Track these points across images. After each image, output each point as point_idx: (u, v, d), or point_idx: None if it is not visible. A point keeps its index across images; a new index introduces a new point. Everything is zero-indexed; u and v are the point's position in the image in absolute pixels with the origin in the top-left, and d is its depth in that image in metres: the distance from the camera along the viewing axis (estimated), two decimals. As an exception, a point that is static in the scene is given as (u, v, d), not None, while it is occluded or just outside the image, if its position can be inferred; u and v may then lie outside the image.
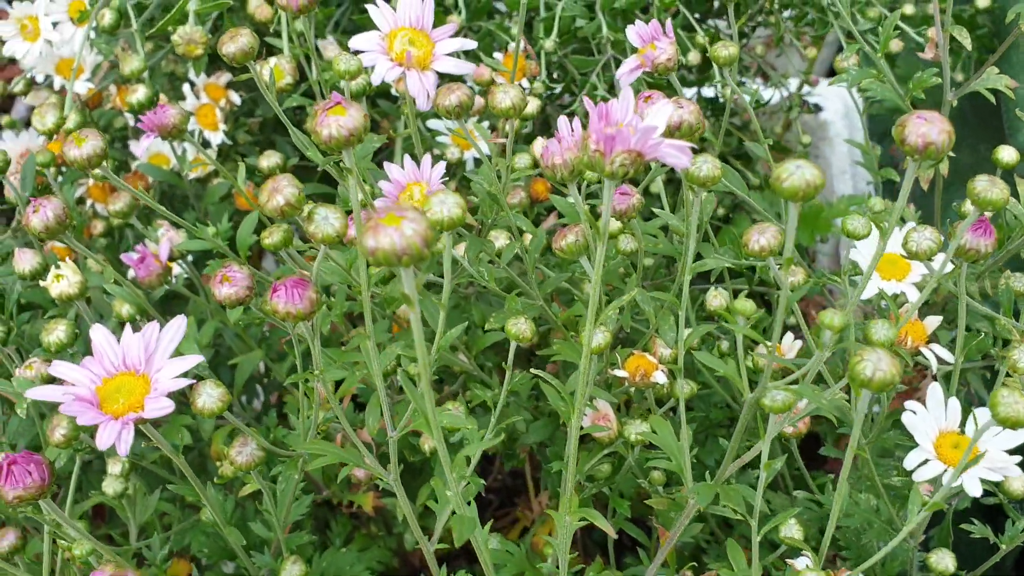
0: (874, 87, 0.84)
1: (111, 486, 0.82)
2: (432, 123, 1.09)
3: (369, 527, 1.08)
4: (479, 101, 0.87)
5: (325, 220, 0.56)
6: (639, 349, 0.79)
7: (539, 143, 0.95)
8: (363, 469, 0.69)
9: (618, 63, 1.25)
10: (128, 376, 0.59)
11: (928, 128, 0.55)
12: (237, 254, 0.78)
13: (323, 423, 0.72)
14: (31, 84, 1.18)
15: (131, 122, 1.11)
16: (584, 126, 0.58)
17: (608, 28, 1.17)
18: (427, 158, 0.74)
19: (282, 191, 0.55)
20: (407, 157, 0.75)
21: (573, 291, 0.85)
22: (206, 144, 1.08)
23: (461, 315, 0.91)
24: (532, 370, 0.72)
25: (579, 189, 0.77)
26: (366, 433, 0.75)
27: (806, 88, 1.33)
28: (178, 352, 0.60)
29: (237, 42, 0.66)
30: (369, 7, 0.72)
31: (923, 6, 1.19)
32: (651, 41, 0.79)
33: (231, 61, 0.66)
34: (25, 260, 0.85)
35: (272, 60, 0.80)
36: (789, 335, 0.81)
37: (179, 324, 0.60)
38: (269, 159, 0.94)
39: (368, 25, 0.73)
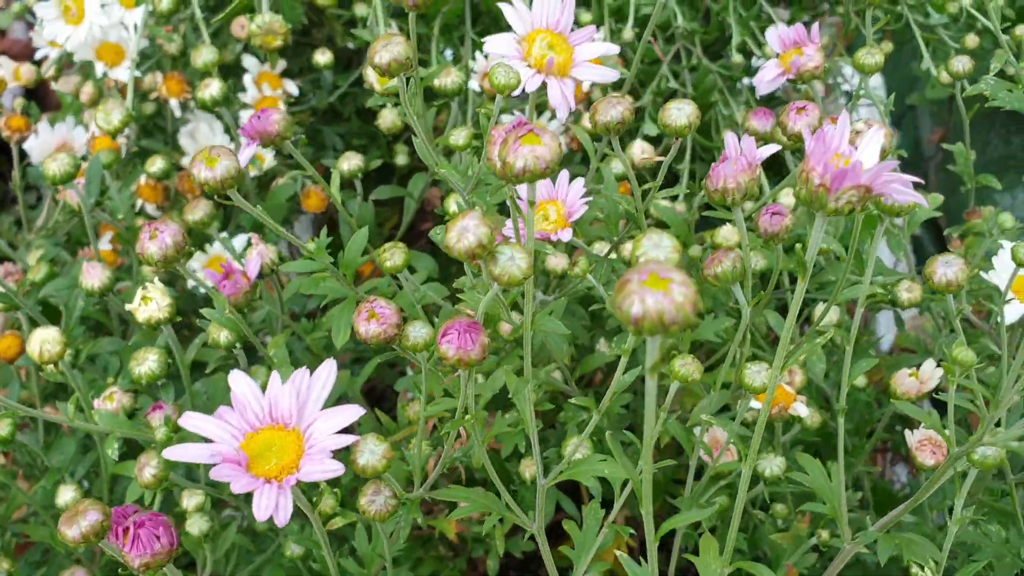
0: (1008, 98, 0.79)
1: (196, 525, 0.75)
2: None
3: (438, 548, 1.03)
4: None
5: (511, 261, 0.50)
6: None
7: (639, 147, 0.89)
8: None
9: (688, 54, 1.19)
10: (276, 431, 0.53)
11: None
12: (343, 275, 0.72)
13: (451, 462, 0.66)
14: (61, 70, 1.09)
15: (177, 112, 1.03)
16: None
17: (684, 19, 1.11)
18: (564, 174, 0.68)
19: (472, 231, 0.48)
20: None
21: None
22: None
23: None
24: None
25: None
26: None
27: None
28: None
29: (392, 51, 0.58)
30: (503, 6, 0.65)
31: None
32: (793, 46, 0.73)
33: (383, 73, 0.58)
34: (94, 275, 0.77)
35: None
36: (930, 362, 0.76)
37: (330, 369, 0.54)
38: (350, 161, 0.87)
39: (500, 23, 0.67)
